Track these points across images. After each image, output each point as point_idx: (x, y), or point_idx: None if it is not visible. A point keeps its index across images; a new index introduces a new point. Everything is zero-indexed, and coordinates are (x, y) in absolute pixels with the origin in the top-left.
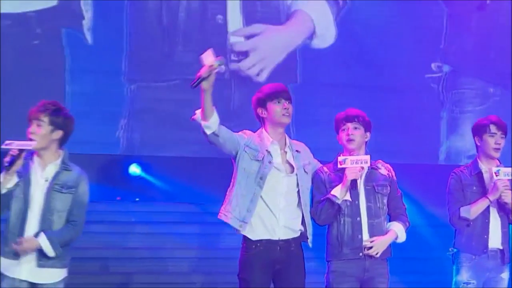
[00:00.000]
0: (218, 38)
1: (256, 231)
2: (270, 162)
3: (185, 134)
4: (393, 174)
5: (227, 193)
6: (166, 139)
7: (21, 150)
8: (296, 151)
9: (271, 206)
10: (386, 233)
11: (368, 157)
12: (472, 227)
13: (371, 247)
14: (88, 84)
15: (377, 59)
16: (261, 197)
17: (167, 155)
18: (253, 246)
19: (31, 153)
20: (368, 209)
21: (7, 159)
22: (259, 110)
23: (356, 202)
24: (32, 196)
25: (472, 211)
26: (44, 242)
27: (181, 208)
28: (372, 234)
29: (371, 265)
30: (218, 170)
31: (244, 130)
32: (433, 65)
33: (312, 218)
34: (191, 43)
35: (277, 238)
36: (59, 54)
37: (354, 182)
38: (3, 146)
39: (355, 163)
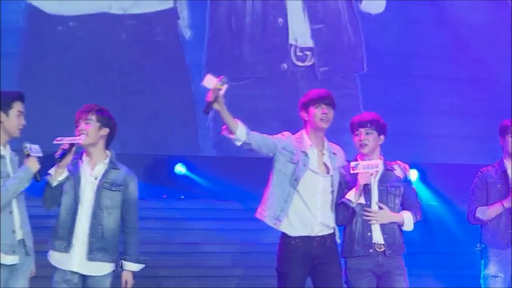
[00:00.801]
0: (280, 40)
1: (294, 227)
2: (304, 165)
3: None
4: (408, 173)
5: (264, 192)
6: None
7: (71, 145)
8: (333, 153)
9: (309, 204)
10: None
11: (379, 161)
12: (496, 223)
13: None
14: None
15: (478, 53)
16: (299, 196)
17: (210, 155)
18: (292, 242)
19: (80, 153)
20: (380, 208)
21: (58, 152)
22: (302, 113)
23: (368, 202)
24: (82, 193)
25: (486, 213)
26: (135, 267)
27: (223, 205)
28: (384, 232)
29: (385, 260)
30: (259, 169)
31: (283, 132)
32: None
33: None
34: (257, 45)
35: (314, 234)
36: (177, 49)
37: (366, 186)
38: (54, 142)
39: (367, 168)
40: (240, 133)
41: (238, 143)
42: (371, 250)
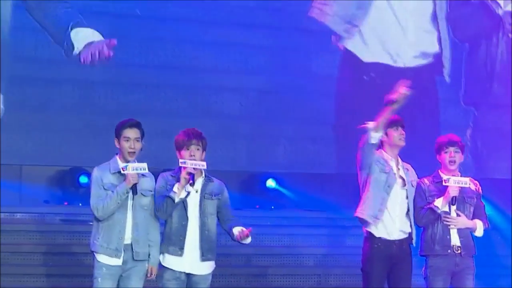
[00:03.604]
0: None
1: (379, 230)
2: (395, 174)
3: None
4: (480, 188)
5: (362, 196)
6: None
7: (195, 169)
8: (406, 169)
9: (390, 212)
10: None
11: (468, 179)
12: None
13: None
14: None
15: None
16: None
17: (296, 172)
18: (375, 246)
19: (178, 169)
20: (457, 215)
21: (187, 176)
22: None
23: (448, 209)
24: (188, 205)
25: None
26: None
27: (307, 214)
28: (460, 235)
29: (460, 260)
30: (337, 183)
31: None
32: None
33: (414, 220)
34: (502, 81)
35: (393, 239)
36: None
37: (453, 198)
38: (180, 164)
39: (457, 183)
40: (380, 134)
41: (373, 141)
42: (449, 251)
